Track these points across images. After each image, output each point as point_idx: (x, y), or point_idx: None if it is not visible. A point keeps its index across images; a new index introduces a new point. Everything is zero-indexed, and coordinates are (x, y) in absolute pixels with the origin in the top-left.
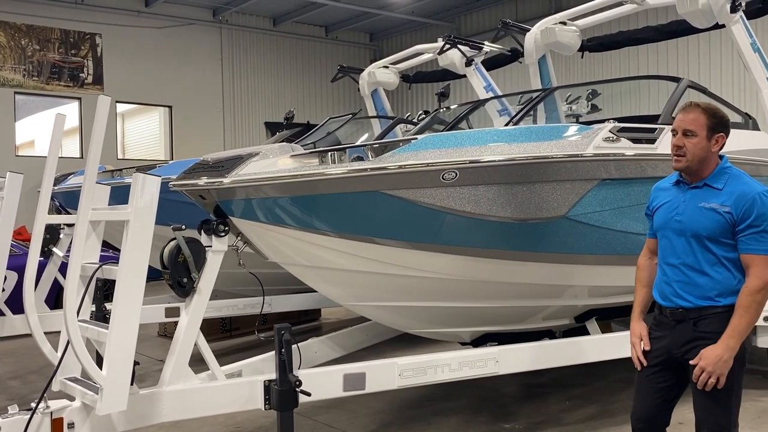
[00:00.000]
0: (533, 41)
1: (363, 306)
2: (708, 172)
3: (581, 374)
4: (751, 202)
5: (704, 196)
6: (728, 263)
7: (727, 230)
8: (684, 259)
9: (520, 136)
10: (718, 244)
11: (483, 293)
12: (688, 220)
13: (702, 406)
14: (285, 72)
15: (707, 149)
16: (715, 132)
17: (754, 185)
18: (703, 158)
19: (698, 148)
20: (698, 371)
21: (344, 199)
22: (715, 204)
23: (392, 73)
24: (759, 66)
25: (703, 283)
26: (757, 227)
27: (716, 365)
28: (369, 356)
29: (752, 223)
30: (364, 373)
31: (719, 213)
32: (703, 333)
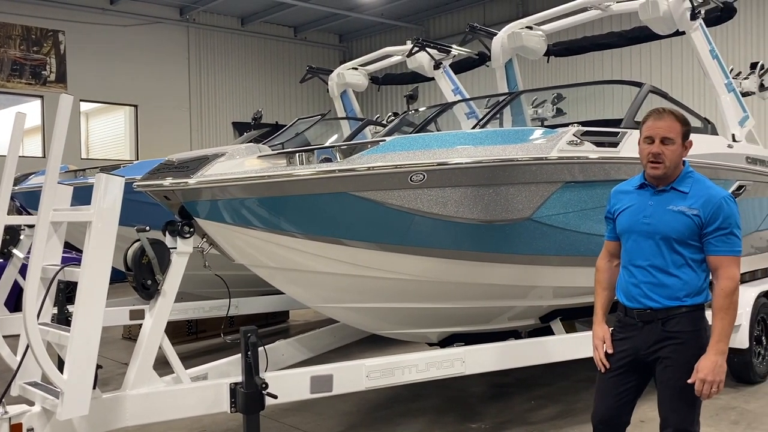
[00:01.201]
0: (500, 45)
1: (331, 308)
2: (675, 176)
3: (545, 374)
4: (719, 205)
5: (672, 200)
6: (694, 264)
7: (695, 232)
8: (652, 260)
9: (486, 138)
10: (686, 246)
11: (450, 294)
12: (657, 222)
13: (668, 406)
14: (253, 72)
15: (681, 155)
16: (686, 138)
17: (718, 189)
18: (677, 164)
19: (676, 155)
20: (699, 385)
21: (312, 200)
22: (684, 207)
23: (361, 75)
24: (717, 72)
25: (671, 283)
26: (724, 230)
27: (715, 373)
28: (337, 358)
29: (719, 225)
30: (331, 375)
31: (688, 216)
32: (671, 333)
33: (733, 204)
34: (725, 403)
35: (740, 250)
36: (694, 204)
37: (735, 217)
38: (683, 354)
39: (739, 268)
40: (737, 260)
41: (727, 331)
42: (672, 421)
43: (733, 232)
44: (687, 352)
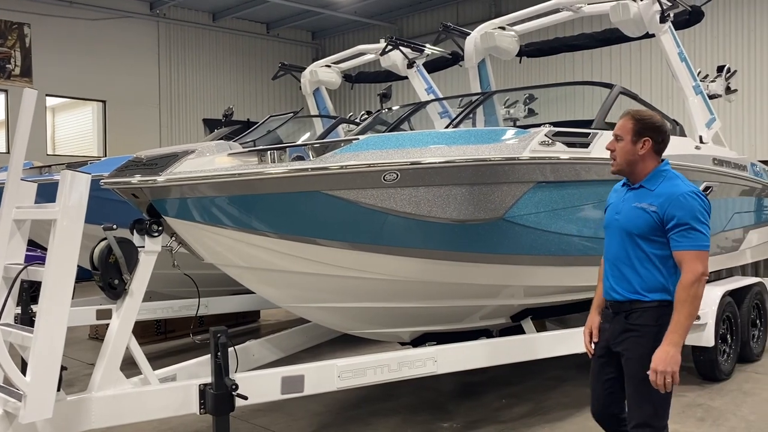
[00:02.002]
0: (473, 45)
1: (303, 307)
2: (644, 174)
3: (516, 372)
4: (676, 201)
5: (639, 197)
6: (656, 260)
7: (656, 228)
8: (618, 255)
9: (459, 138)
10: (648, 242)
11: (423, 294)
12: (623, 218)
13: (631, 401)
14: (225, 68)
15: (633, 152)
16: (642, 136)
17: (682, 186)
18: (631, 161)
19: (624, 151)
20: (652, 375)
21: (284, 199)
22: (645, 204)
23: (334, 73)
24: (685, 74)
25: (632, 278)
26: (683, 225)
27: (666, 363)
28: (308, 358)
29: (678, 221)
30: (302, 375)
31: (647, 212)
32: (632, 325)
33: (696, 199)
34: (691, 400)
35: (704, 245)
36: (654, 201)
37: (695, 212)
38: (641, 347)
39: (702, 262)
40: (700, 254)
41: (683, 323)
42: (634, 415)
43: (694, 226)
44: (645, 345)
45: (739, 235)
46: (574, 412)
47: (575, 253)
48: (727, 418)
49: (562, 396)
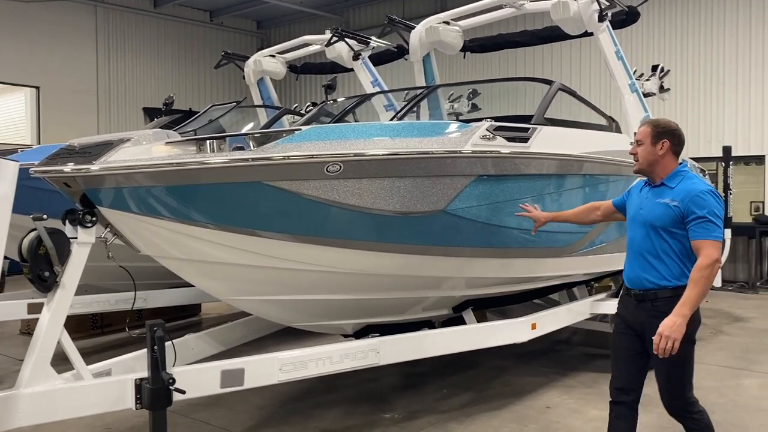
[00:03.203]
0: (418, 39)
1: (244, 300)
2: (665, 173)
3: (457, 362)
4: (696, 198)
5: (660, 194)
6: (678, 251)
7: (677, 221)
8: (643, 245)
9: (403, 131)
10: (669, 234)
11: (367, 286)
12: (647, 213)
13: (661, 376)
14: (167, 56)
15: (654, 153)
16: (659, 138)
17: (700, 185)
18: (652, 161)
19: (645, 153)
20: (657, 339)
21: (224, 189)
22: (667, 199)
23: (279, 63)
24: (622, 73)
25: (659, 267)
26: (702, 218)
27: (671, 330)
28: (250, 351)
29: (697, 215)
30: (242, 368)
31: (669, 207)
32: (657, 311)
33: (711, 197)
34: None
35: (719, 236)
36: (675, 197)
37: (712, 207)
38: None
39: (717, 250)
40: (714, 243)
41: (693, 299)
42: (665, 388)
43: (711, 220)
44: None
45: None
46: (514, 400)
47: (515, 246)
48: (657, 405)
49: (503, 385)
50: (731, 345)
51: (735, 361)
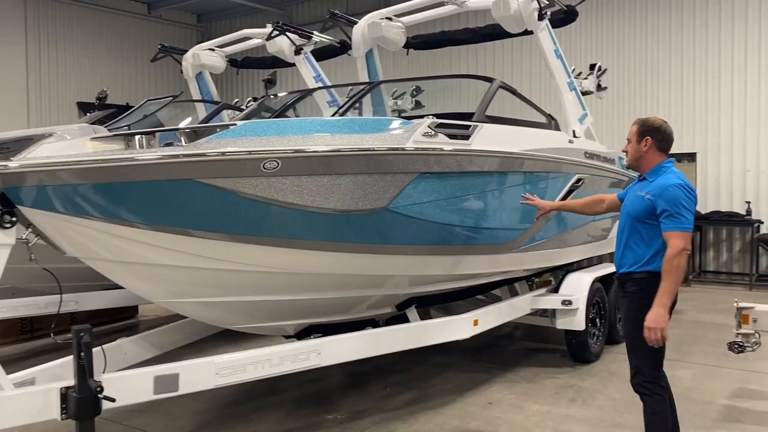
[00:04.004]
0: (360, 34)
1: (179, 303)
2: (648, 168)
3: (402, 360)
4: (665, 191)
5: (642, 187)
6: (648, 239)
7: (650, 213)
8: (623, 234)
9: (344, 127)
10: (643, 224)
11: (307, 286)
12: (629, 205)
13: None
14: (102, 49)
15: (639, 149)
16: (643, 136)
17: (672, 179)
18: (637, 157)
19: (632, 150)
20: (646, 332)
21: (155, 187)
22: (644, 192)
23: (218, 57)
24: (561, 71)
25: (628, 254)
26: (668, 211)
27: (656, 322)
28: (189, 354)
29: (665, 208)
30: (177, 373)
31: (645, 199)
32: (626, 293)
33: (680, 190)
34: (564, 381)
35: (685, 227)
36: (651, 190)
37: (679, 200)
38: (631, 311)
39: (683, 240)
40: (680, 234)
41: (669, 288)
42: (632, 363)
43: (678, 212)
44: (634, 309)
45: (607, 225)
46: (456, 398)
47: (458, 243)
48: (596, 398)
49: (445, 382)
50: None
51: (670, 353)
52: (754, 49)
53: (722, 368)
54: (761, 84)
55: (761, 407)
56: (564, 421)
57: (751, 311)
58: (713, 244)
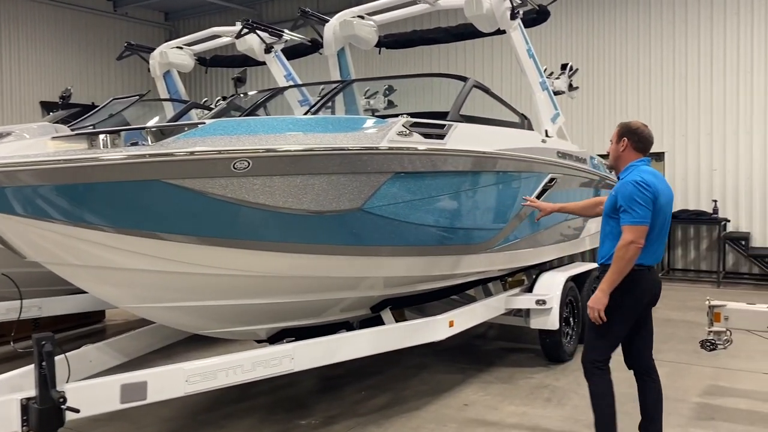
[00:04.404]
0: (332, 32)
1: (147, 308)
2: (623, 167)
3: (376, 362)
4: (623, 187)
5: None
6: (616, 234)
7: (614, 209)
8: (601, 230)
9: (317, 126)
10: (611, 219)
11: (280, 289)
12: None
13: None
14: (67, 48)
15: (617, 150)
16: (621, 137)
17: (633, 176)
18: (616, 157)
19: (612, 151)
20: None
21: (120, 189)
22: (612, 190)
23: (187, 55)
24: (533, 71)
25: (603, 247)
26: (624, 206)
27: (594, 302)
28: (158, 360)
29: (621, 203)
30: (144, 381)
31: (611, 196)
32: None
33: (632, 186)
34: (539, 381)
35: (634, 221)
36: (616, 187)
37: (631, 195)
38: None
39: (632, 233)
40: (630, 228)
41: (610, 276)
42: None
43: (631, 206)
44: None
45: (579, 224)
46: (431, 400)
47: (433, 243)
48: (571, 398)
49: (421, 384)
50: None
51: None
52: (719, 50)
53: (694, 366)
54: (726, 84)
55: (733, 404)
56: (540, 421)
57: (723, 309)
58: (681, 242)
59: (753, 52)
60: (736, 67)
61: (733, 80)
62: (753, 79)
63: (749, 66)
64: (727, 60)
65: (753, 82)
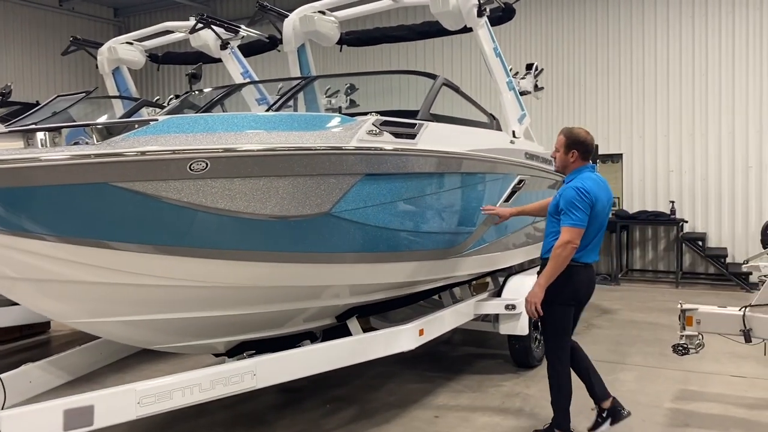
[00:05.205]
0: (292, 28)
1: (96, 323)
2: (569, 173)
3: (340, 373)
4: (565, 191)
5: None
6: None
7: (556, 210)
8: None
9: (281, 123)
10: (552, 219)
11: (239, 300)
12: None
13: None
14: (9, 44)
15: (566, 160)
16: (570, 149)
17: (575, 182)
18: (564, 165)
19: (560, 159)
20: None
21: (63, 193)
22: (557, 193)
23: (137, 51)
24: (500, 70)
25: (545, 243)
26: (564, 209)
27: (531, 296)
28: (107, 378)
29: (562, 206)
30: (91, 405)
31: (555, 197)
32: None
33: (572, 191)
34: (509, 389)
35: (571, 223)
36: (560, 191)
37: (571, 200)
38: None
39: (569, 234)
40: (567, 229)
41: (547, 271)
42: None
43: (569, 209)
44: None
45: (545, 226)
46: (400, 412)
47: (402, 249)
48: (544, 406)
49: (388, 395)
50: (604, 338)
51: (610, 354)
52: (675, 53)
53: (663, 369)
54: (683, 86)
55: (706, 409)
56: None
57: (695, 313)
58: (640, 243)
59: (708, 54)
60: (692, 69)
61: (689, 82)
62: (708, 82)
63: (704, 68)
64: (683, 62)
65: (708, 85)
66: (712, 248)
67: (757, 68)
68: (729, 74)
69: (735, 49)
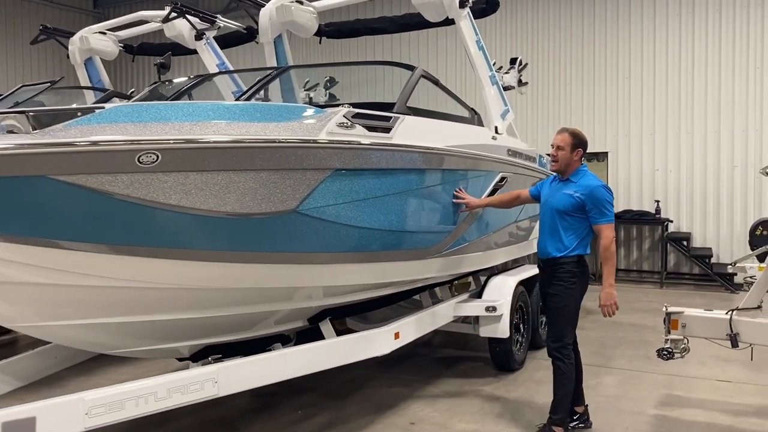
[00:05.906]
0: (268, 18)
1: (47, 327)
2: (570, 172)
3: (313, 376)
4: (593, 192)
5: (566, 186)
6: (577, 230)
7: (577, 208)
8: (550, 225)
9: (243, 113)
10: (570, 217)
11: (200, 302)
12: (555, 201)
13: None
14: None
15: (571, 158)
16: (575, 148)
17: (596, 182)
18: (568, 164)
19: (564, 158)
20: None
21: (1, 187)
22: (571, 191)
23: (110, 41)
24: (483, 64)
25: (556, 242)
26: (599, 207)
27: (608, 299)
28: (58, 386)
29: (595, 205)
30: (33, 417)
31: (573, 197)
32: (555, 275)
33: (605, 190)
34: (489, 394)
35: (612, 220)
36: (578, 190)
37: (606, 198)
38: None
39: (612, 231)
40: (609, 225)
41: (611, 271)
42: (551, 332)
43: (605, 208)
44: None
45: (527, 225)
46: (375, 419)
47: (377, 249)
48: (524, 412)
49: (363, 399)
50: (587, 340)
51: (594, 357)
52: (662, 51)
53: (646, 373)
54: (669, 85)
55: (691, 416)
56: None
57: (681, 316)
58: (624, 243)
59: (694, 53)
60: (678, 68)
61: (675, 81)
62: (694, 81)
63: (690, 67)
64: (669, 61)
65: (694, 84)
66: (697, 248)
67: (744, 68)
68: (715, 73)
69: (721, 48)
